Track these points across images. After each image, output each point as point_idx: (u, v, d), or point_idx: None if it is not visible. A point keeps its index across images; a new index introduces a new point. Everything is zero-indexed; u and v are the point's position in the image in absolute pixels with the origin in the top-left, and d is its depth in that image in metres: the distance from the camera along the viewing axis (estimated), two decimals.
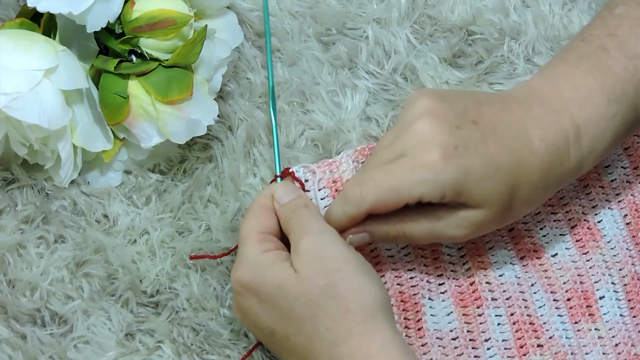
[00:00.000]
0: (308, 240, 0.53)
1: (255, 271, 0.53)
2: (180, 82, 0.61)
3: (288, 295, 0.52)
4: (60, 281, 0.61)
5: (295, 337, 0.52)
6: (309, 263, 0.52)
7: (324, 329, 0.51)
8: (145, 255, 0.63)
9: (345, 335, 0.51)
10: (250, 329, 0.57)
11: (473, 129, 0.54)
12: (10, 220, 0.63)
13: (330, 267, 0.52)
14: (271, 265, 0.53)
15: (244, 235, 0.55)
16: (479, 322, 0.59)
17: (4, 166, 0.65)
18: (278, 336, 0.53)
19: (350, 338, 0.51)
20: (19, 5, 0.70)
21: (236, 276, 0.54)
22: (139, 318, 0.61)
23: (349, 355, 0.50)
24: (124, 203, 0.65)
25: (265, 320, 0.53)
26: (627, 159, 0.65)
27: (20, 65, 0.59)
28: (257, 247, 0.54)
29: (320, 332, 0.51)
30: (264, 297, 0.53)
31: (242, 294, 0.54)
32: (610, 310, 0.60)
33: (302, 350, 0.52)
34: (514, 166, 0.54)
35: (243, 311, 0.55)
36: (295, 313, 0.52)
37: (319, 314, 0.51)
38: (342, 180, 0.58)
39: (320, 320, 0.51)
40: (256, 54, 0.71)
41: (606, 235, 0.62)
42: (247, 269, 0.53)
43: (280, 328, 0.53)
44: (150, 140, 0.62)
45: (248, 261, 0.54)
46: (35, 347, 0.59)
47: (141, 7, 0.61)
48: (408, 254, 0.60)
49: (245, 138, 0.67)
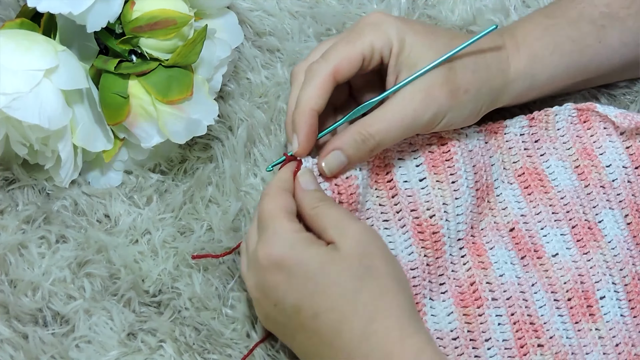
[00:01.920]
0: (357, 226, 0.55)
1: (293, 248, 0.53)
2: (180, 82, 0.61)
3: (330, 271, 0.52)
4: (62, 281, 0.61)
5: (325, 314, 0.52)
6: (357, 245, 0.53)
7: (362, 306, 0.52)
8: (147, 255, 0.63)
9: (383, 314, 0.52)
10: (265, 311, 0.56)
11: (419, 21, 0.63)
12: (12, 220, 0.63)
13: (375, 253, 0.54)
14: (309, 244, 0.53)
15: (271, 214, 0.54)
16: (479, 322, 0.60)
17: (5, 166, 0.65)
18: (303, 315, 0.53)
19: (387, 318, 0.52)
20: (19, 5, 0.69)
21: (266, 252, 0.53)
22: (140, 318, 0.61)
23: (384, 333, 0.52)
24: (125, 203, 0.65)
25: (292, 297, 0.53)
26: (629, 158, 0.65)
27: (20, 65, 0.59)
28: (289, 225, 0.54)
29: (357, 308, 0.52)
30: (297, 274, 0.52)
31: (270, 270, 0.53)
32: (610, 310, 0.60)
33: (330, 329, 0.52)
34: (448, 36, 0.61)
35: (265, 289, 0.54)
36: (334, 289, 0.52)
37: (361, 290, 0.52)
38: (343, 177, 0.59)
39: (361, 296, 0.52)
40: (256, 54, 0.71)
41: (607, 235, 0.62)
42: (281, 245, 0.53)
43: (309, 305, 0.52)
44: (150, 140, 0.62)
45: (281, 238, 0.53)
46: (37, 346, 0.59)
47: (141, 7, 0.61)
48: (411, 254, 0.60)
49: (245, 138, 0.67)
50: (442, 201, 0.61)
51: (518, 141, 0.65)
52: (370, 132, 0.58)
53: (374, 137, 0.58)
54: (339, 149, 0.58)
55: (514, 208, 0.63)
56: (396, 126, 0.58)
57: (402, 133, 0.59)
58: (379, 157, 0.62)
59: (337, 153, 0.58)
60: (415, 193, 0.61)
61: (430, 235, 0.61)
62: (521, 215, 0.63)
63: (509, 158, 0.65)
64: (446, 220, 0.61)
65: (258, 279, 0.54)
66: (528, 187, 0.64)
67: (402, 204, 0.61)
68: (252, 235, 0.56)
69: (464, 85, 0.60)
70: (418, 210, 0.61)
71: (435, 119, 0.59)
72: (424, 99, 0.58)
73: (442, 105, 0.59)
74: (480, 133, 0.64)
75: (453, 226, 0.61)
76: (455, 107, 0.59)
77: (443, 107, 0.59)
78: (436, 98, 0.58)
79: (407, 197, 0.61)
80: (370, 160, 0.61)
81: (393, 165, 0.62)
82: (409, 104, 0.58)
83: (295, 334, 0.54)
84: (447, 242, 0.61)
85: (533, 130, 0.66)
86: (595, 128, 0.66)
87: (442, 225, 0.61)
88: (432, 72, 0.59)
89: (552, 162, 0.65)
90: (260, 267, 0.54)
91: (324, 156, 0.58)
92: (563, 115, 0.66)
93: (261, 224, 0.55)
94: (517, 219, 0.63)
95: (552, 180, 0.64)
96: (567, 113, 0.66)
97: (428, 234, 0.61)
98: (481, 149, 0.64)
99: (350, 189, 0.59)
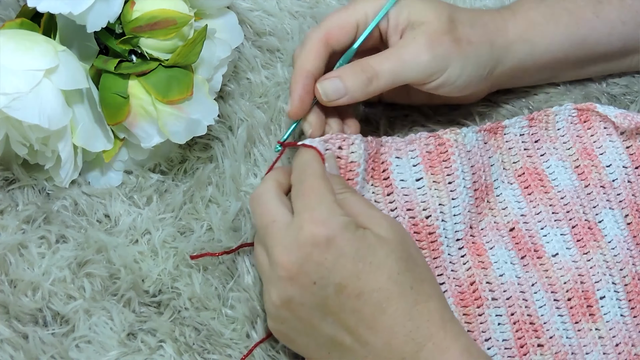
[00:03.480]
0: (385, 216, 0.56)
1: (345, 229, 0.53)
2: (180, 82, 0.61)
3: (379, 253, 0.53)
4: (62, 281, 0.61)
5: (371, 293, 0.53)
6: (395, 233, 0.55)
7: (407, 288, 0.53)
8: (147, 255, 0.63)
9: (426, 297, 0.54)
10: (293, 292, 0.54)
11: None
12: (12, 220, 0.63)
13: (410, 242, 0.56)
14: (357, 228, 0.54)
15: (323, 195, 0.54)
16: (479, 321, 0.60)
17: (5, 166, 0.65)
18: (346, 293, 0.53)
19: (429, 302, 0.54)
20: (19, 5, 0.70)
21: (318, 231, 0.53)
22: (140, 318, 0.61)
23: (427, 315, 0.53)
24: (125, 203, 0.65)
25: (339, 276, 0.53)
26: (629, 158, 0.65)
27: (20, 65, 0.59)
28: (338, 208, 0.54)
29: (403, 289, 0.53)
30: (348, 253, 0.53)
31: (319, 247, 0.53)
32: (610, 310, 0.60)
33: (374, 308, 0.53)
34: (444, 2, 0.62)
35: (306, 265, 0.53)
36: (383, 269, 0.53)
37: (406, 273, 0.54)
38: (347, 161, 0.59)
39: (406, 279, 0.53)
40: (256, 54, 0.71)
41: (607, 235, 0.62)
42: (335, 225, 0.53)
43: (356, 284, 0.53)
44: (150, 140, 0.62)
45: (334, 218, 0.53)
46: (37, 346, 0.59)
47: (141, 7, 0.61)
48: None
49: (245, 138, 0.67)
50: (439, 202, 0.61)
51: (518, 141, 0.65)
52: (374, 68, 0.59)
53: (376, 73, 0.59)
54: (339, 77, 0.59)
55: (514, 208, 0.63)
56: (400, 67, 0.60)
57: (405, 76, 0.60)
58: (376, 153, 0.61)
59: (336, 80, 0.59)
60: (411, 193, 0.61)
61: (427, 236, 0.61)
62: (521, 215, 0.63)
63: (509, 158, 0.65)
64: (442, 220, 0.61)
65: (299, 256, 0.53)
66: (528, 187, 0.64)
67: (397, 203, 0.61)
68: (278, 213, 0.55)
69: (465, 36, 0.61)
70: (414, 210, 0.61)
71: (439, 65, 0.60)
72: (428, 42, 0.60)
73: (446, 51, 0.60)
74: (479, 133, 0.64)
75: (450, 226, 0.61)
76: (459, 58, 0.61)
77: (447, 52, 0.60)
78: (441, 43, 0.60)
79: (403, 196, 0.61)
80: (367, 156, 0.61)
81: (390, 162, 0.62)
82: (414, 47, 0.60)
83: (324, 318, 0.54)
84: (444, 242, 0.61)
85: (533, 131, 0.66)
86: (595, 128, 0.66)
87: (439, 225, 0.61)
88: (434, 22, 0.60)
89: (552, 162, 0.65)
90: (305, 244, 0.53)
91: (322, 80, 0.59)
92: (563, 115, 0.66)
93: (307, 201, 0.54)
94: (517, 218, 0.63)
95: (552, 180, 0.64)
96: (567, 113, 0.66)
97: (424, 234, 0.61)
98: (480, 149, 0.64)
99: (349, 174, 0.59)
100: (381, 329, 0.53)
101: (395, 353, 0.52)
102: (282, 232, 0.54)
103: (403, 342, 0.52)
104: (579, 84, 0.71)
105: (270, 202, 0.55)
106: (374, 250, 0.53)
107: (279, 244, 0.54)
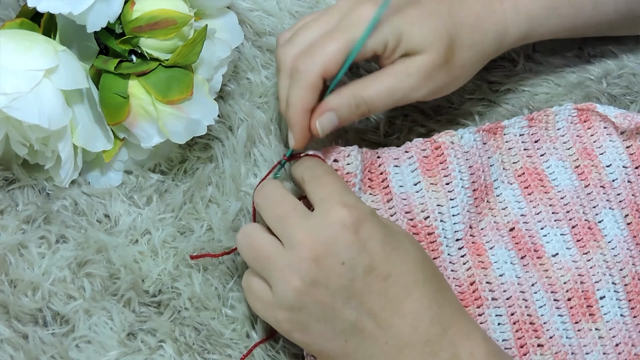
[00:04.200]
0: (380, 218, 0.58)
1: (373, 215, 0.55)
2: (180, 82, 0.61)
3: (405, 239, 0.56)
4: (62, 281, 0.61)
5: (398, 276, 0.54)
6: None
7: (432, 275, 0.56)
8: (147, 255, 0.63)
9: (447, 285, 0.57)
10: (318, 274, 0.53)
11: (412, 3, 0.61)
12: (12, 220, 0.63)
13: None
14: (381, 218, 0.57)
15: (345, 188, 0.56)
16: (479, 321, 0.60)
17: (5, 166, 0.65)
18: (375, 274, 0.54)
19: (450, 290, 0.57)
20: (19, 5, 0.70)
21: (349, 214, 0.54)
22: (140, 318, 0.61)
23: (450, 301, 0.56)
24: (125, 203, 0.65)
25: (368, 257, 0.54)
26: (629, 158, 0.65)
27: (20, 65, 0.59)
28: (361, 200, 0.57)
29: (428, 276, 0.55)
30: (377, 237, 0.54)
31: (350, 228, 0.54)
32: (610, 310, 0.60)
33: (401, 290, 0.54)
34: (445, 11, 0.60)
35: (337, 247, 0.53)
36: (411, 254, 0.55)
37: (430, 263, 0.57)
38: (343, 172, 0.59)
39: (430, 266, 0.56)
40: (256, 54, 0.71)
41: (607, 235, 0.63)
42: (365, 210, 0.55)
43: (384, 266, 0.54)
44: (150, 140, 0.62)
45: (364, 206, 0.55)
46: (37, 347, 0.59)
47: (141, 7, 0.61)
48: None
49: (245, 138, 0.67)
50: (437, 202, 0.61)
51: (518, 141, 0.65)
52: (364, 98, 0.59)
53: (366, 103, 0.60)
54: (334, 112, 0.59)
55: (514, 208, 0.63)
56: (390, 98, 0.60)
57: (395, 103, 0.61)
58: (371, 164, 0.62)
59: (331, 114, 0.59)
60: (409, 196, 0.61)
61: (426, 236, 0.61)
62: (521, 215, 0.63)
63: (509, 158, 0.65)
64: (441, 220, 0.61)
65: (329, 235, 0.54)
66: (528, 187, 0.64)
67: (396, 207, 0.61)
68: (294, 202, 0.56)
69: (460, 62, 0.61)
70: (412, 212, 0.61)
71: (432, 94, 0.61)
72: (424, 78, 0.60)
73: (438, 83, 0.61)
74: (477, 134, 0.64)
75: (449, 226, 0.61)
76: (450, 83, 0.62)
77: (439, 84, 0.61)
78: (436, 77, 0.60)
79: (402, 200, 0.61)
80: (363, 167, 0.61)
81: (389, 172, 0.62)
82: (405, 80, 0.60)
83: (347, 302, 0.54)
84: (443, 242, 0.61)
85: (533, 131, 0.66)
86: (595, 128, 0.66)
87: (437, 226, 0.61)
88: (432, 54, 0.59)
89: (552, 162, 0.65)
90: (335, 224, 0.54)
91: (318, 116, 0.59)
92: (563, 115, 0.66)
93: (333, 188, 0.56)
94: (517, 218, 0.63)
95: (552, 180, 0.64)
96: (567, 113, 0.66)
97: (423, 235, 0.61)
98: (479, 150, 0.64)
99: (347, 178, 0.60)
100: (407, 312, 0.54)
101: (420, 335, 0.54)
102: (305, 216, 0.55)
103: (429, 324, 0.54)
104: (580, 85, 0.71)
105: (286, 194, 0.57)
106: (400, 238, 0.56)
107: (303, 228, 0.54)
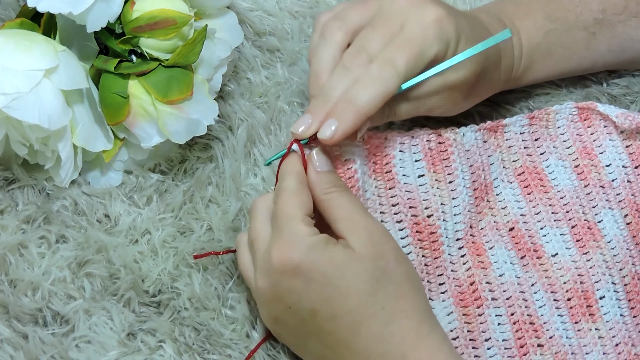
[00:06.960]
0: (368, 222, 0.55)
1: (310, 253, 0.53)
2: (180, 82, 0.61)
3: (347, 274, 0.52)
4: (62, 281, 0.61)
5: (343, 317, 0.52)
6: (371, 245, 0.54)
7: (379, 308, 0.53)
8: (147, 255, 0.63)
9: (399, 315, 0.53)
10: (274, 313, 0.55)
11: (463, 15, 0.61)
12: (12, 220, 0.63)
13: (389, 253, 0.54)
14: (326, 247, 0.53)
15: (289, 215, 0.54)
16: (479, 322, 0.60)
17: (5, 166, 0.65)
18: (320, 317, 0.53)
19: (403, 319, 0.53)
20: (19, 5, 0.70)
21: (282, 257, 0.53)
22: (140, 318, 0.61)
23: (400, 334, 0.52)
24: (125, 203, 0.65)
25: (309, 301, 0.53)
26: (628, 157, 0.65)
27: (20, 65, 0.59)
28: (307, 230, 0.53)
29: (374, 311, 0.52)
30: (315, 278, 0.52)
31: (286, 274, 0.53)
32: (610, 310, 0.60)
33: (347, 331, 0.53)
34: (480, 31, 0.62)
35: (278, 292, 0.53)
36: (352, 292, 0.52)
37: (378, 292, 0.53)
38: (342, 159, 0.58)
39: (378, 298, 0.53)
40: (256, 54, 0.71)
41: (607, 235, 0.62)
42: (299, 250, 0.52)
43: (327, 308, 0.52)
44: (150, 140, 0.62)
45: (298, 243, 0.53)
46: (36, 346, 0.59)
47: (141, 7, 0.61)
48: (409, 254, 0.60)
49: (245, 138, 0.67)
50: (440, 201, 0.61)
51: (518, 140, 0.65)
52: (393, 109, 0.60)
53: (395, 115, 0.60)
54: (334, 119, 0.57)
55: (514, 207, 0.63)
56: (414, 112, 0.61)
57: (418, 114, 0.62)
58: (377, 147, 0.61)
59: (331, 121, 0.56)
60: (414, 190, 0.61)
61: (428, 236, 0.61)
62: (521, 214, 0.63)
63: (509, 157, 0.65)
64: (444, 220, 0.61)
65: (271, 282, 0.54)
66: (528, 187, 0.64)
67: (399, 198, 0.61)
68: (261, 231, 0.55)
69: (480, 92, 0.64)
70: (417, 209, 0.61)
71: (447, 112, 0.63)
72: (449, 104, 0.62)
73: (460, 107, 0.64)
74: (478, 132, 0.64)
75: (451, 226, 0.61)
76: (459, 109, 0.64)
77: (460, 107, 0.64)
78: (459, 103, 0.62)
79: (406, 193, 0.61)
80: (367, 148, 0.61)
81: (393, 156, 0.61)
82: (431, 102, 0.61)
83: (308, 337, 0.55)
84: (445, 242, 0.61)
85: (533, 129, 0.66)
86: (595, 126, 0.66)
87: (440, 225, 0.61)
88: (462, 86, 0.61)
89: (551, 162, 0.65)
90: (274, 271, 0.53)
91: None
92: (564, 113, 0.66)
93: (277, 223, 0.54)
94: (517, 218, 0.63)
95: (552, 179, 0.64)
96: (567, 111, 0.66)
97: (426, 234, 0.61)
98: (479, 148, 0.64)
99: (348, 172, 0.59)
100: (356, 351, 0.53)
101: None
102: (260, 253, 0.55)
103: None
104: (580, 85, 0.71)
105: (258, 217, 0.56)
106: (343, 272, 0.52)
107: (258, 267, 0.55)
